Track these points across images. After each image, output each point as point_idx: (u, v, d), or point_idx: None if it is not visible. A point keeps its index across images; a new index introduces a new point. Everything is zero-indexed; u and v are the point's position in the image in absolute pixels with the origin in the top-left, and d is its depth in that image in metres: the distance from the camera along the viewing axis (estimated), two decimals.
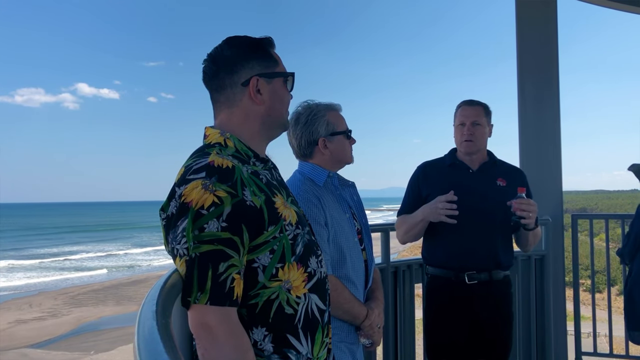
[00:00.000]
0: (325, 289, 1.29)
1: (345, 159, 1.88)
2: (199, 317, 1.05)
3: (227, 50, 1.26)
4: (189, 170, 1.10)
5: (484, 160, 2.42)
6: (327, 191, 1.82)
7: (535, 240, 2.40)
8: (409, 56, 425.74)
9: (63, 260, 39.12)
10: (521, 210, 2.13)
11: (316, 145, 1.83)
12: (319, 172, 1.83)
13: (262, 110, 1.27)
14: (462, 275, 2.31)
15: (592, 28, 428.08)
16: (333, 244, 1.73)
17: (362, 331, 1.80)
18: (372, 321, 1.79)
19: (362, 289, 1.85)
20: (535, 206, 2.16)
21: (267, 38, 1.32)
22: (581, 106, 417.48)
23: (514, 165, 2.53)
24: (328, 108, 1.86)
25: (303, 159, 1.88)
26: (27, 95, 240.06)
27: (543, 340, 3.30)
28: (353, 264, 1.79)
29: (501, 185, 2.37)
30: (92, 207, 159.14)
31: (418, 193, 2.44)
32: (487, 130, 2.40)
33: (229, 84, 1.25)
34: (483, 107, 2.39)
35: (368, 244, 1.92)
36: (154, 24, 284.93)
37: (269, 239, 1.14)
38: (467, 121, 2.35)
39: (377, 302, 1.88)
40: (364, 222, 1.93)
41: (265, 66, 1.27)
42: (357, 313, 1.76)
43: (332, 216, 1.75)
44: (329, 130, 1.83)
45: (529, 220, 2.16)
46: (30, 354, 15.31)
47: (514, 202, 2.16)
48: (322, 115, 1.82)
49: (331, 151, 1.84)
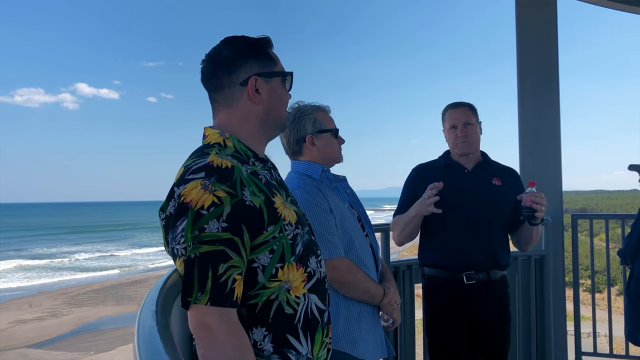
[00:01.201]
0: (325, 289, 1.29)
1: (334, 156, 1.93)
2: (199, 317, 1.05)
3: (225, 50, 1.26)
4: (188, 171, 1.10)
5: (478, 160, 2.43)
6: (323, 184, 1.86)
7: (537, 238, 2.40)
8: (408, 56, 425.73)
9: (63, 260, 39.10)
10: (535, 204, 2.11)
11: (304, 142, 1.88)
12: (313, 168, 1.87)
13: (261, 110, 1.27)
14: (460, 275, 2.32)
15: (592, 28, 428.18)
16: (341, 229, 1.78)
17: (382, 311, 1.86)
18: (391, 298, 1.85)
19: (375, 271, 1.90)
20: (545, 200, 2.15)
21: (265, 38, 1.32)
22: (581, 106, 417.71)
23: (508, 166, 2.54)
24: (316, 108, 1.92)
25: (294, 157, 1.94)
26: (26, 95, 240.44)
27: (543, 340, 3.29)
28: (361, 247, 1.84)
29: (497, 185, 2.38)
30: (91, 207, 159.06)
31: (413, 195, 2.44)
32: (478, 128, 2.41)
33: (227, 83, 1.25)
34: (470, 107, 2.41)
35: (370, 230, 1.96)
36: (154, 24, 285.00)
37: (268, 239, 1.14)
38: (459, 123, 2.37)
39: (390, 281, 1.94)
40: (361, 211, 1.98)
41: (263, 66, 1.27)
42: (375, 292, 1.82)
43: (335, 204, 1.80)
44: (316, 127, 1.88)
45: (541, 214, 2.15)
46: (30, 354, 15.31)
47: (526, 196, 2.14)
48: (310, 114, 1.89)
49: (319, 148, 1.89)
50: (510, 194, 2.31)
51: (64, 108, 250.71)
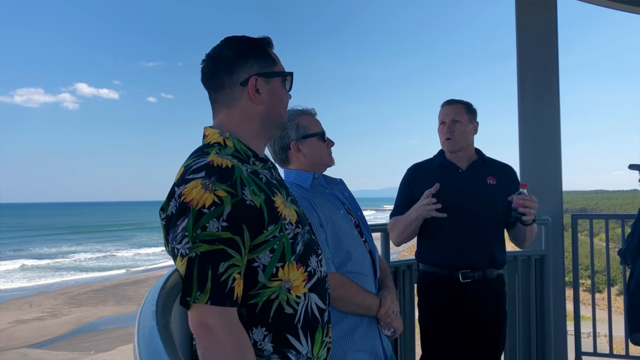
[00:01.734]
0: (325, 288, 1.29)
1: (322, 160, 1.87)
2: (199, 317, 1.05)
3: (225, 50, 1.26)
4: (188, 170, 1.10)
5: (472, 159, 2.43)
6: (316, 192, 1.82)
7: (532, 236, 2.40)
8: (408, 56, 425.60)
9: (63, 260, 39.10)
10: (523, 207, 2.13)
11: (289, 149, 1.83)
12: (304, 176, 1.82)
13: (261, 110, 1.27)
14: (455, 273, 2.32)
15: (592, 28, 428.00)
16: (333, 242, 1.74)
17: (380, 321, 1.81)
18: (387, 309, 1.79)
19: (373, 280, 1.86)
20: (536, 202, 2.17)
21: (265, 38, 1.31)
22: (581, 106, 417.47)
23: (504, 163, 2.53)
24: (299, 113, 1.87)
25: (283, 165, 1.90)
26: (26, 95, 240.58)
27: (543, 340, 3.29)
28: (358, 258, 1.79)
29: (491, 184, 2.38)
30: (91, 207, 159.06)
31: (409, 195, 2.45)
32: (470, 127, 2.39)
33: (227, 83, 1.25)
34: (464, 105, 2.40)
35: (368, 235, 1.92)
36: (154, 24, 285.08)
37: (269, 238, 1.14)
38: (447, 119, 2.37)
39: (388, 289, 1.88)
40: (359, 215, 1.94)
41: (263, 66, 1.27)
42: (370, 304, 1.76)
43: (326, 216, 1.76)
44: (300, 133, 1.82)
45: (530, 217, 2.16)
46: (30, 354, 15.30)
47: (516, 198, 2.15)
48: (292, 120, 1.82)
49: (305, 154, 1.83)
50: (505, 192, 2.31)
51: (64, 108, 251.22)
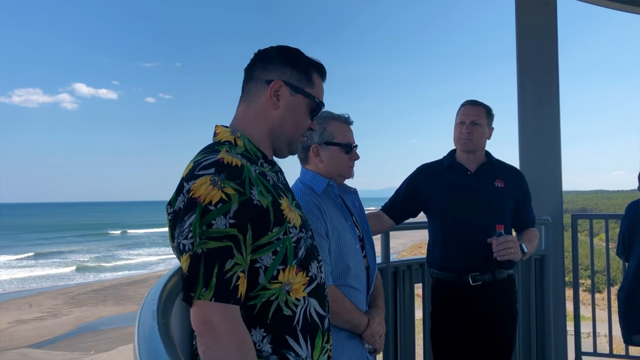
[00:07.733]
0: (325, 295, 1.29)
1: (339, 171, 1.84)
2: (202, 313, 1.04)
3: (274, 50, 1.29)
4: (198, 166, 1.10)
5: (481, 162, 2.44)
6: (327, 199, 1.81)
7: (534, 244, 2.43)
8: (408, 56, 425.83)
9: (63, 260, 39.09)
10: (501, 255, 2.16)
11: (309, 150, 1.82)
12: (319, 180, 1.81)
13: (275, 116, 1.27)
14: (465, 277, 2.32)
15: (592, 28, 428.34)
16: (335, 253, 1.74)
17: (364, 340, 1.81)
18: (374, 330, 1.79)
19: (365, 295, 1.86)
20: (514, 241, 2.19)
21: (318, 62, 1.33)
22: (581, 106, 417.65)
23: (513, 166, 2.54)
24: (332, 117, 1.83)
25: (302, 164, 1.89)
26: (24, 96, 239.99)
27: (543, 340, 3.30)
28: (356, 272, 1.79)
29: (499, 187, 2.38)
30: (91, 207, 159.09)
31: (413, 194, 2.46)
32: (487, 131, 2.41)
33: (257, 76, 1.27)
34: (485, 109, 2.40)
35: (370, 250, 1.92)
36: (152, 24, 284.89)
37: (272, 240, 1.14)
38: (467, 120, 2.37)
39: (377, 310, 1.88)
40: (365, 229, 1.92)
41: (297, 79, 1.27)
42: (358, 322, 1.76)
43: (333, 225, 1.75)
44: (322, 138, 1.81)
45: (513, 256, 2.18)
46: (30, 354, 15.31)
47: (494, 243, 2.18)
48: (321, 123, 1.79)
49: (322, 160, 1.82)
50: (513, 195, 2.32)
51: (63, 108, 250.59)
